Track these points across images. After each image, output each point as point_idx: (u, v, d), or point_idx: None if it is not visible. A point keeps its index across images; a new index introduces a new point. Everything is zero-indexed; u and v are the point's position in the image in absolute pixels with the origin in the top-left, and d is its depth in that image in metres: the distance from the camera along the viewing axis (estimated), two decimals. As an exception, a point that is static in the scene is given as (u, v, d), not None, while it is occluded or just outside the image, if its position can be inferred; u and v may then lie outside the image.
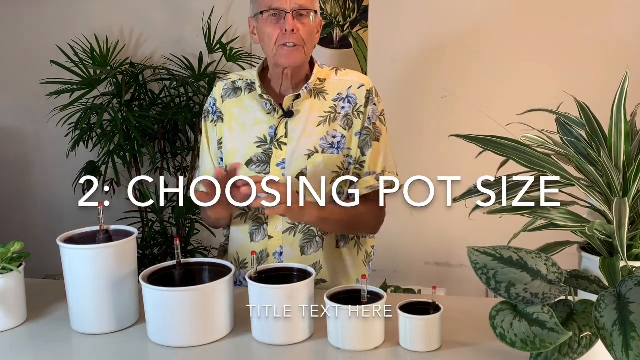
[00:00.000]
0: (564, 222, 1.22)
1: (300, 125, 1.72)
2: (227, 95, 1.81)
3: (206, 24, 2.98)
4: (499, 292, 1.17)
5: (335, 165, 1.71)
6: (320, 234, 1.73)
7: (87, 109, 2.78)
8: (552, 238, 1.33)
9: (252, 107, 1.76)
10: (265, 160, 1.72)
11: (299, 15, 1.65)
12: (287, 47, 1.67)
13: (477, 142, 1.28)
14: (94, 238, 1.47)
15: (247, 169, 1.72)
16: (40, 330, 1.47)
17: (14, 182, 3.34)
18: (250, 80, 1.80)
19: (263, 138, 1.73)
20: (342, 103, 1.74)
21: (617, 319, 1.09)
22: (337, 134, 1.72)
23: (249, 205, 1.47)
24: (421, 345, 1.33)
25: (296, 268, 1.48)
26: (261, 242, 1.74)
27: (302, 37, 1.66)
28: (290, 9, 1.64)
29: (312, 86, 1.74)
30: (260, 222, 1.74)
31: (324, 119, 1.73)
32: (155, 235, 3.00)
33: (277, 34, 1.67)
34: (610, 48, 2.81)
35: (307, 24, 1.67)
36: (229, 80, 1.84)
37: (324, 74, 1.78)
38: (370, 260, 1.88)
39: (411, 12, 2.92)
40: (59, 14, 3.15)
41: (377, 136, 1.76)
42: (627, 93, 1.27)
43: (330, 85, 1.76)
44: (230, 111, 1.79)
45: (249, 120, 1.75)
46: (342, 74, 1.79)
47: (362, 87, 1.75)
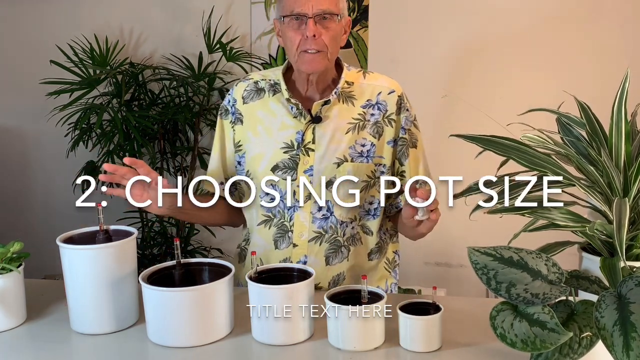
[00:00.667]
0: (565, 222, 1.22)
1: (328, 132, 1.67)
2: (249, 97, 1.74)
3: (206, 24, 2.98)
4: (499, 293, 1.17)
5: (365, 174, 1.67)
6: (347, 244, 1.70)
7: (87, 108, 2.78)
8: (552, 238, 1.33)
9: (278, 110, 1.70)
10: (292, 166, 1.67)
11: (321, 20, 1.59)
12: (309, 53, 1.60)
13: (477, 142, 1.28)
14: (94, 238, 1.47)
15: (274, 174, 1.68)
16: (40, 330, 1.47)
17: (14, 182, 3.34)
18: (274, 81, 1.73)
19: (290, 143, 1.68)
20: (372, 110, 1.69)
21: (618, 319, 1.09)
22: (366, 142, 1.67)
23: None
24: (421, 346, 1.33)
25: (296, 268, 1.47)
26: (285, 249, 1.70)
27: (325, 42, 1.60)
28: (312, 13, 1.58)
29: (340, 90, 1.68)
30: (284, 230, 1.70)
31: (353, 126, 1.67)
32: (155, 235, 3.00)
33: (298, 39, 1.60)
34: (611, 48, 2.81)
35: (330, 29, 1.60)
36: (251, 80, 1.76)
37: (352, 76, 1.72)
38: (395, 266, 1.83)
39: (411, 12, 2.93)
40: (59, 14, 3.15)
41: (414, 142, 1.73)
42: (627, 93, 1.27)
43: (359, 89, 1.71)
44: (253, 114, 1.72)
45: (275, 124, 1.69)
46: (370, 77, 1.73)
47: (392, 94, 1.70)
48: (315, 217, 1.67)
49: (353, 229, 1.69)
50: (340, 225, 1.68)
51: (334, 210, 1.67)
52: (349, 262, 1.70)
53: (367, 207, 1.70)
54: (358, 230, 1.70)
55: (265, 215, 1.71)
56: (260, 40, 3.05)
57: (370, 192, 1.69)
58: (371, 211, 1.71)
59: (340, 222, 1.67)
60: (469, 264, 1.20)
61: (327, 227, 1.67)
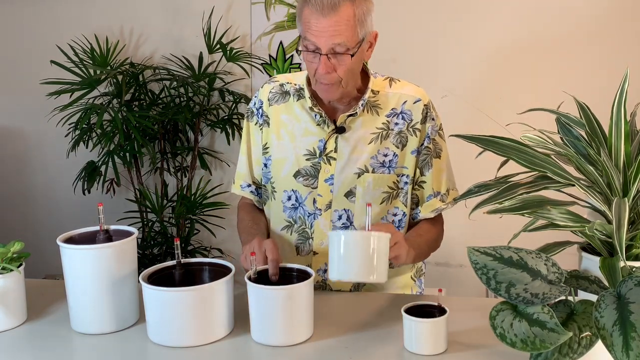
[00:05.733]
0: (564, 222, 1.22)
1: (351, 141, 1.63)
2: (274, 99, 1.70)
3: (206, 24, 2.98)
4: (499, 292, 1.17)
5: (387, 185, 1.64)
6: None
7: (87, 109, 2.78)
8: (552, 238, 1.33)
9: (302, 116, 1.66)
10: (313, 174, 1.64)
11: (336, 54, 1.50)
12: (324, 84, 1.55)
13: (477, 142, 1.28)
14: (94, 238, 1.47)
15: (295, 180, 1.66)
16: (41, 330, 1.47)
17: (14, 182, 3.34)
18: (299, 86, 1.68)
19: (312, 151, 1.65)
20: (396, 119, 1.64)
21: (617, 319, 1.09)
22: (389, 152, 1.63)
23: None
24: (427, 349, 1.32)
25: (296, 268, 1.47)
26: (307, 256, 1.68)
27: (340, 75, 1.53)
28: (326, 49, 1.49)
29: (366, 100, 1.63)
30: (305, 237, 1.68)
31: (376, 135, 1.63)
32: (155, 235, 3.00)
33: (314, 68, 1.54)
34: (610, 48, 2.81)
35: (344, 63, 1.51)
36: (277, 82, 1.72)
37: (378, 85, 1.66)
38: (421, 275, 1.81)
39: (411, 12, 2.92)
40: (59, 14, 3.15)
41: (438, 152, 1.68)
42: (627, 93, 1.27)
43: (384, 98, 1.65)
44: (277, 117, 1.69)
45: (298, 130, 1.66)
46: (396, 86, 1.67)
47: (418, 102, 1.65)
48: (336, 225, 1.65)
49: None
50: None
51: (353, 220, 1.65)
52: None
53: (390, 218, 1.67)
54: None
55: (287, 220, 1.70)
56: (260, 41, 3.05)
57: (394, 203, 1.66)
58: (395, 222, 1.67)
59: None
60: (468, 264, 1.20)
61: None
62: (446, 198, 1.69)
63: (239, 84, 3.07)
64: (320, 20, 1.47)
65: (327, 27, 1.47)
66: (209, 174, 3.10)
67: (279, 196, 1.69)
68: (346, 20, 1.48)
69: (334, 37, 1.48)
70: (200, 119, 2.98)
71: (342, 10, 1.47)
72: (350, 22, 1.48)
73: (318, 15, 1.47)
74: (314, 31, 1.49)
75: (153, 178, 3.16)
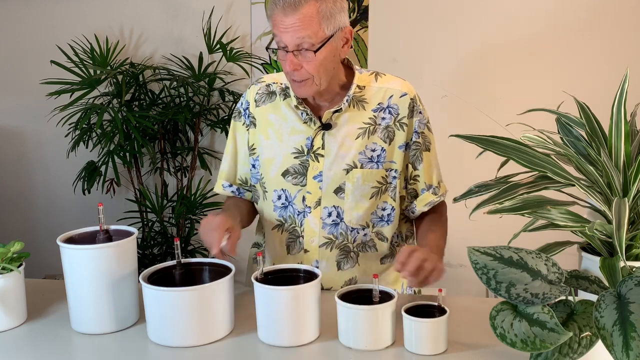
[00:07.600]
0: (564, 222, 1.22)
1: (338, 138, 1.64)
2: (261, 100, 1.71)
3: (206, 24, 2.98)
4: (499, 292, 1.17)
5: (375, 180, 1.64)
6: (356, 250, 1.68)
7: (87, 109, 2.78)
8: (552, 238, 1.33)
9: (289, 115, 1.67)
10: (302, 172, 1.65)
11: (302, 50, 1.52)
12: (295, 81, 1.57)
13: (477, 142, 1.28)
14: (94, 238, 1.47)
15: (284, 179, 1.67)
16: (41, 330, 1.47)
17: (14, 182, 3.34)
18: (285, 85, 1.69)
19: (300, 149, 1.65)
20: (383, 114, 1.64)
21: (617, 319, 1.09)
22: (376, 147, 1.64)
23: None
24: (427, 348, 1.32)
25: (302, 269, 1.47)
26: (297, 255, 1.69)
27: (309, 71, 1.54)
28: (292, 47, 1.52)
29: (352, 95, 1.64)
30: (296, 235, 1.69)
31: (363, 130, 1.63)
32: (155, 235, 3.00)
33: (285, 66, 1.56)
34: (610, 48, 2.81)
35: (310, 59, 1.52)
36: (263, 83, 1.73)
37: (364, 80, 1.67)
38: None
39: (411, 12, 2.93)
40: (59, 14, 3.15)
41: (427, 146, 1.69)
42: (627, 93, 1.27)
43: (370, 93, 1.66)
44: (265, 117, 1.70)
45: (285, 128, 1.67)
46: (382, 80, 1.68)
47: (404, 97, 1.65)
48: (325, 222, 1.66)
49: (366, 236, 1.68)
50: (350, 232, 1.66)
51: (343, 217, 1.66)
52: (360, 267, 1.70)
53: (379, 213, 1.68)
54: (372, 237, 1.69)
55: (278, 219, 1.70)
56: (260, 41, 3.05)
57: (383, 197, 1.67)
58: (384, 217, 1.68)
59: (350, 229, 1.66)
60: (468, 263, 1.20)
61: (337, 233, 1.66)
62: (438, 191, 1.72)
63: (239, 84, 3.07)
64: (285, 17, 1.51)
65: (290, 23, 1.51)
66: (209, 174, 3.10)
67: (270, 196, 1.70)
68: (309, 17, 1.50)
69: (297, 32, 1.51)
70: (200, 119, 2.98)
71: (305, 7, 1.50)
72: (314, 18, 1.51)
73: (283, 13, 1.51)
74: (280, 28, 1.52)
75: (153, 178, 3.16)
